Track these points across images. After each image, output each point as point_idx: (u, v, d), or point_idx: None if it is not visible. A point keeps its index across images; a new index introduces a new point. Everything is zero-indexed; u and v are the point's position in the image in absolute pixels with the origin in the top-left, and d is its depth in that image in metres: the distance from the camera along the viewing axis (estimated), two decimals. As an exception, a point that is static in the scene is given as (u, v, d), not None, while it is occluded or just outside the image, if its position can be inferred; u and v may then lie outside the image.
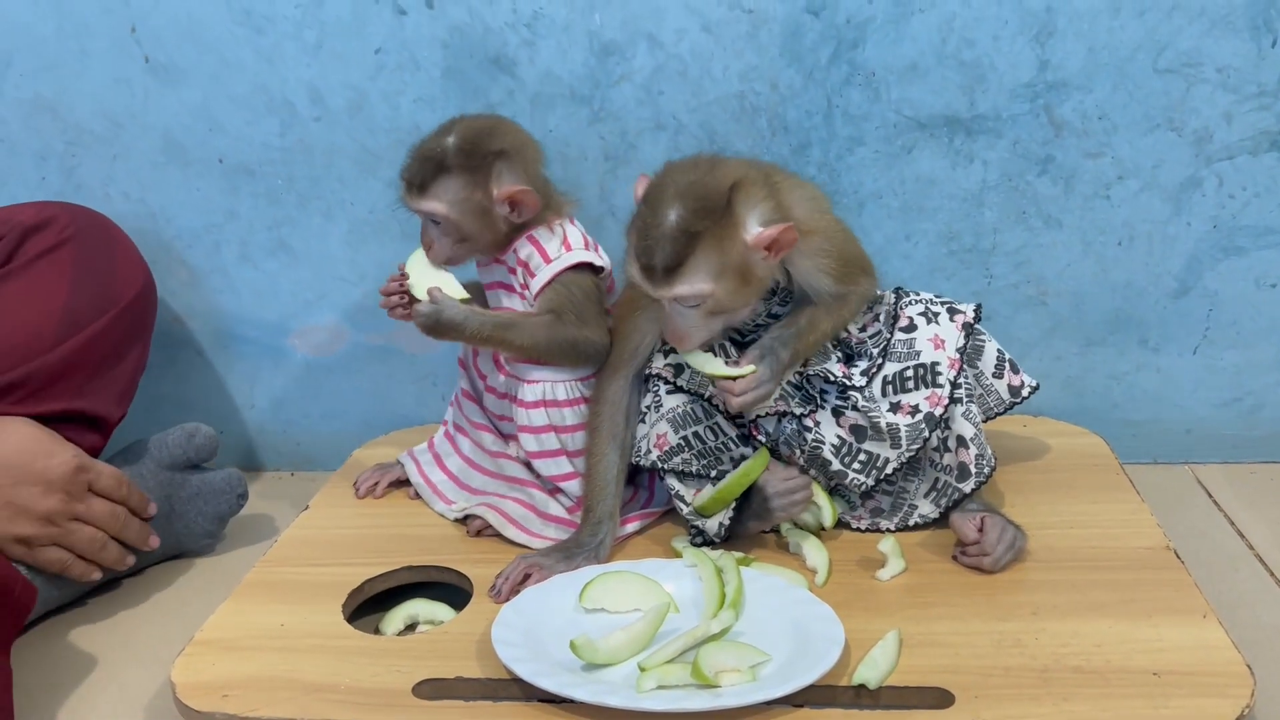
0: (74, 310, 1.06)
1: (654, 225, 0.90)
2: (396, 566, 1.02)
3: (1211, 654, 0.82)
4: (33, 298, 1.05)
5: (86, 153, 1.28)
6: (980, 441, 0.98)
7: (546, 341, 1.01)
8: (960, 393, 0.98)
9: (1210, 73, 1.12)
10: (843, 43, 1.15)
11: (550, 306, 1.02)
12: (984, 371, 1.02)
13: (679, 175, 0.93)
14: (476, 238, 1.02)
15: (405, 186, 1.02)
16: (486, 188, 1.01)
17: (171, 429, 1.14)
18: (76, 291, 1.07)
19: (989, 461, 0.98)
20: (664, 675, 0.80)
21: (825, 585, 0.94)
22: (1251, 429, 1.23)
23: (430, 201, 1.01)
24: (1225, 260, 1.18)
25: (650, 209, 0.91)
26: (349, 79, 1.22)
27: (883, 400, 1.00)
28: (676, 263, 0.90)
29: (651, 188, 0.93)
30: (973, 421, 0.98)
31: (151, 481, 1.10)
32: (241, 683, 0.85)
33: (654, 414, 1.02)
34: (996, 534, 0.94)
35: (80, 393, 1.06)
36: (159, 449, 1.12)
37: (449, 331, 1.00)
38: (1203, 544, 1.08)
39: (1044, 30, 1.12)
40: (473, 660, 0.86)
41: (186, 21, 1.22)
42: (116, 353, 1.10)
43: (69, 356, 1.05)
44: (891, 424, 0.98)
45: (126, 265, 1.15)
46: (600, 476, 1.01)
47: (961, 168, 1.17)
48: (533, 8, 1.17)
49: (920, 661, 0.83)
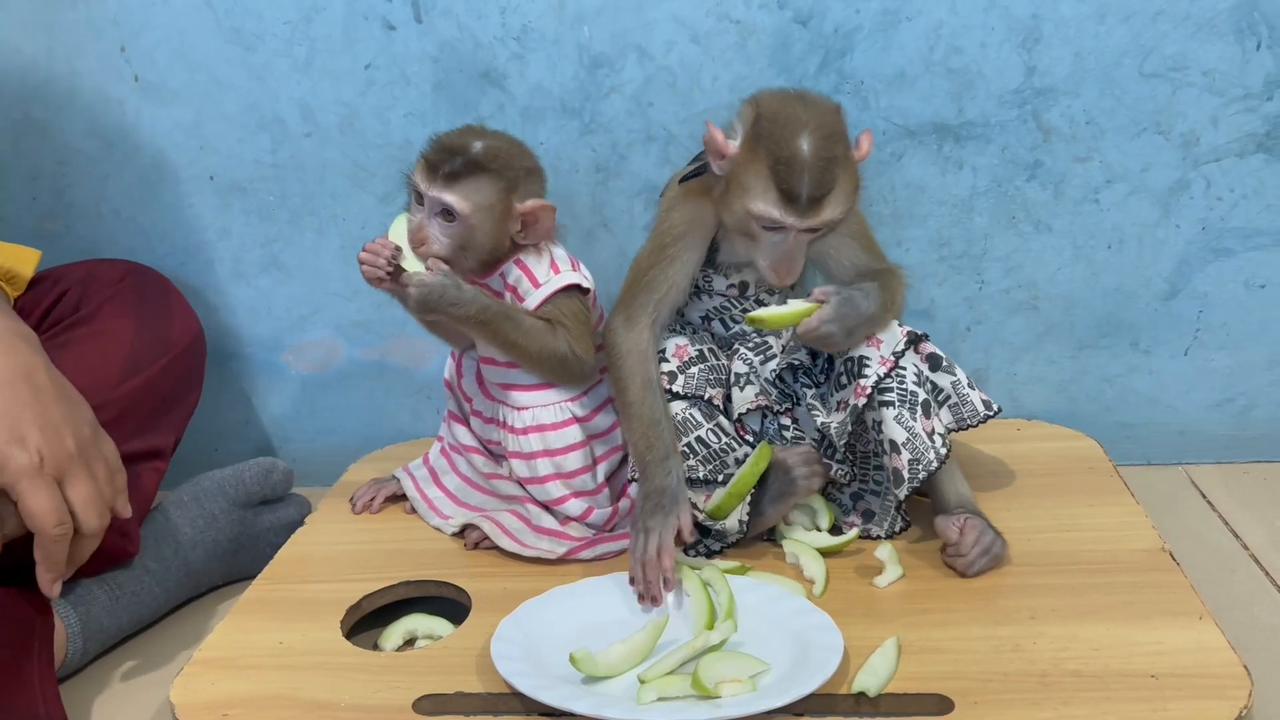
0: (135, 354, 1.10)
1: (803, 154, 0.90)
2: (394, 582, 1.02)
3: (1209, 656, 0.82)
4: (98, 342, 1.09)
5: (78, 172, 1.28)
6: (915, 446, 0.96)
7: (539, 346, 1.01)
8: (891, 396, 0.97)
9: (1196, 76, 1.13)
10: (831, 52, 1.15)
11: (550, 318, 1.02)
12: (960, 380, 1.02)
13: (792, 107, 0.93)
14: (478, 247, 1.00)
15: (428, 171, 0.98)
16: (509, 199, 1.00)
17: (244, 465, 1.14)
18: (138, 337, 1.11)
19: (926, 466, 0.96)
20: (664, 687, 0.80)
21: (823, 594, 0.95)
22: (1244, 429, 1.24)
23: (454, 194, 0.97)
24: (1214, 262, 1.19)
25: (785, 141, 0.90)
26: (339, 95, 1.22)
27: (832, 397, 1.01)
28: (825, 190, 0.91)
29: (773, 120, 0.92)
30: (906, 426, 0.97)
31: (223, 520, 1.11)
32: (241, 702, 0.85)
33: None
34: (974, 537, 0.95)
35: (139, 431, 1.08)
36: (234, 487, 1.13)
37: (445, 308, 0.97)
38: (1198, 545, 1.08)
39: (1030, 37, 1.13)
40: (473, 675, 0.86)
41: (176, 40, 1.22)
42: (173, 395, 1.14)
43: (130, 395, 1.08)
44: (826, 423, 0.99)
45: (181, 314, 1.19)
46: (645, 418, 0.98)
47: (951, 174, 1.18)
48: (522, 22, 1.18)
49: (919, 668, 0.83)
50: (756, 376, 1.04)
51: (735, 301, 1.05)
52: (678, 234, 1.00)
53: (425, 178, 0.98)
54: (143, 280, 1.18)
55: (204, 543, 1.09)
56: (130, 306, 1.13)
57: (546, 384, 1.04)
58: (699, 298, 1.06)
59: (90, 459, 0.89)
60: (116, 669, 1.00)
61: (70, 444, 0.87)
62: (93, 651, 0.98)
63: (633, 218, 1.23)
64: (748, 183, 0.92)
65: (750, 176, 0.92)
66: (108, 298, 1.13)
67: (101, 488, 0.88)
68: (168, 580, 1.05)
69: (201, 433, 1.24)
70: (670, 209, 1.01)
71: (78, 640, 0.96)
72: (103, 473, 0.89)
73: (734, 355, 1.06)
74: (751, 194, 0.92)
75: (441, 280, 0.97)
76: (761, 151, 0.92)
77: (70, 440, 0.88)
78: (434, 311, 0.98)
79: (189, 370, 1.17)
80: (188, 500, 1.10)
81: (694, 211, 1.00)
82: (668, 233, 1.00)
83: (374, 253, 0.99)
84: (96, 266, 1.18)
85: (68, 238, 1.30)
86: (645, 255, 1.02)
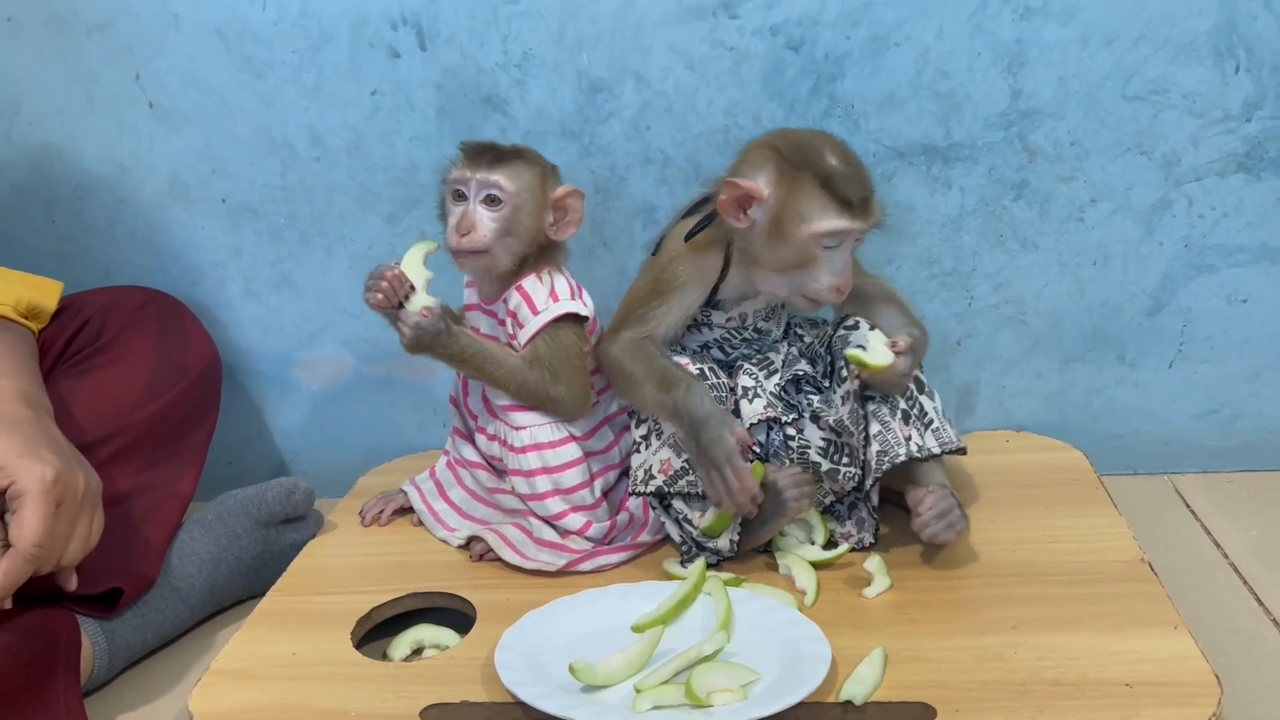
0: (153, 380, 1.15)
1: (842, 166, 0.97)
2: (402, 593, 1.06)
3: (1182, 664, 0.86)
4: (118, 369, 1.14)
5: (93, 196, 1.32)
6: (885, 439, 1.01)
7: (517, 385, 1.06)
8: (875, 392, 1.03)
9: (1177, 99, 1.16)
10: (822, 77, 1.19)
11: (531, 358, 1.06)
12: (939, 408, 1.05)
13: (803, 137, 1.01)
14: (521, 233, 1.05)
15: (471, 157, 1.04)
16: (545, 186, 1.05)
17: (267, 485, 1.18)
18: (156, 364, 1.16)
19: (891, 459, 1.01)
20: (659, 696, 0.84)
21: (814, 605, 0.98)
22: (1229, 439, 1.27)
23: (500, 174, 1.03)
24: (1197, 278, 1.22)
25: (822, 160, 0.97)
26: (347, 120, 1.26)
27: (835, 394, 1.05)
28: (871, 190, 0.99)
29: (799, 149, 0.98)
30: (881, 421, 1.02)
31: (246, 539, 1.14)
32: (256, 711, 0.89)
33: (654, 440, 1.06)
34: (936, 511, 0.99)
35: (159, 459, 1.13)
36: (257, 507, 1.16)
37: (435, 348, 1.03)
38: (1180, 554, 1.11)
39: (1016, 61, 1.16)
40: (478, 684, 0.90)
41: (188, 68, 1.26)
42: (190, 419, 1.18)
43: (148, 420, 1.13)
44: (838, 418, 1.03)
45: (196, 340, 1.23)
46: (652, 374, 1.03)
47: (940, 194, 1.22)
48: (523, 49, 1.21)
49: (905, 677, 0.87)
50: (763, 390, 1.07)
51: (734, 333, 1.09)
52: (680, 284, 1.05)
53: (469, 166, 1.04)
54: (160, 307, 1.22)
55: (228, 560, 1.13)
56: (148, 334, 1.18)
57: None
58: (698, 330, 1.10)
59: (91, 506, 0.95)
60: (142, 679, 1.04)
61: (81, 484, 0.93)
62: (119, 666, 1.03)
63: (631, 237, 1.27)
64: (802, 209, 0.97)
65: (803, 202, 0.97)
66: (126, 325, 1.17)
67: (89, 536, 0.94)
68: (192, 597, 1.09)
69: (217, 445, 1.28)
70: (674, 261, 1.05)
71: (104, 658, 1.00)
72: (94, 524, 0.95)
73: (738, 371, 1.09)
74: (810, 217, 0.97)
75: (434, 324, 1.02)
76: (805, 176, 0.97)
77: (81, 481, 0.93)
78: (425, 351, 1.04)
79: (205, 394, 1.21)
80: (212, 520, 1.14)
81: (698, 266, 1.05)
82: (669, 281, 1.04)
83: (393, 285, 1.03)
84: (116, 294, 1.22)
85: (84, 259, 1.34)
86: (640, 293, 1.06)
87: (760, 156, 1.00)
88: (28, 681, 0.91)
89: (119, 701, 1.00)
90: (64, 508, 0.92)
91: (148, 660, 1.06)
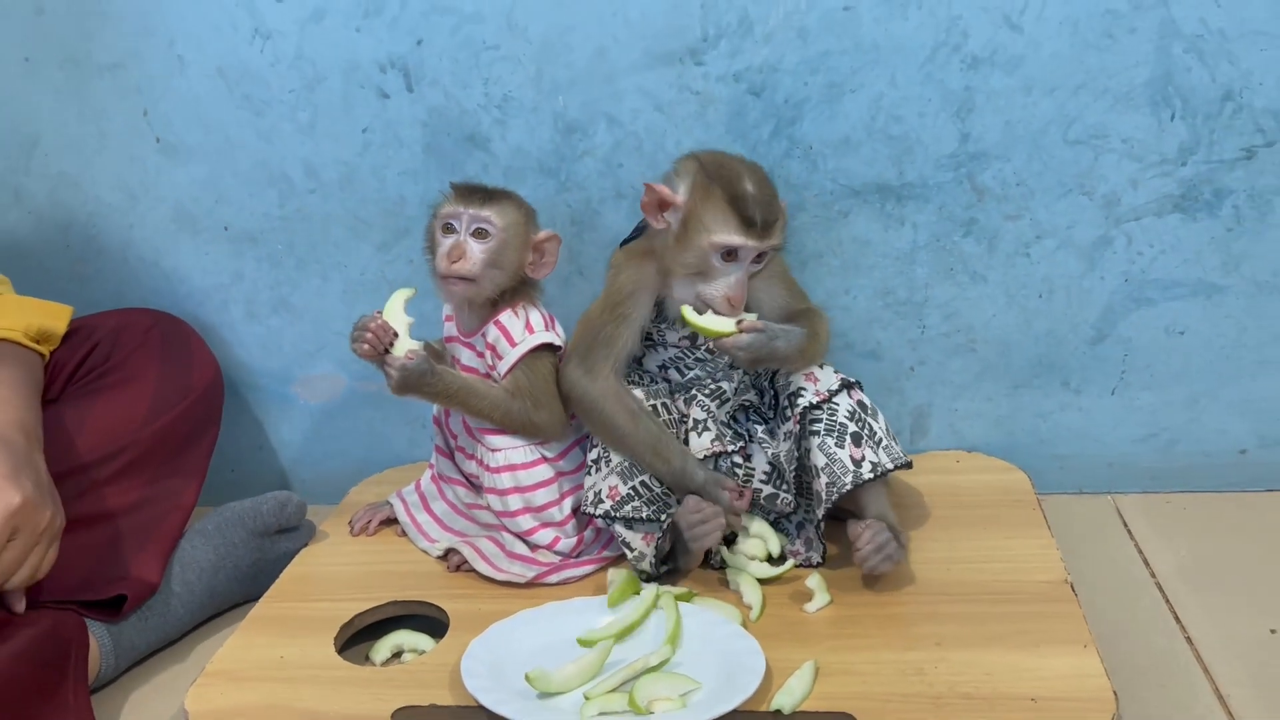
0: (159, 398, 1.24)
1: (752, 189, 1.06)
2: (383, 601, 1.14)
3: (1085, 681, 0.92)
4: (127, 388, 1.23)
5: (105, 222, 1.41)
6: (832, 470, 1.08)
7: (501, 415, 1.14)
8: (819, 426, 1.10)
9: (1116, 144, 1.23)
10: (782, 120, 1.26)
11: (513, 388, 1.14)
12: (883, 428, 1.12)
13: (728, 159, 1.10)
14: (505, 266, 1.13)
15: (463, 195, 1.12)
16: (528, 227, 1.15)
17: (263, 498, 1.26)
18: (161, 383, 1.25)
19: (839, 488, 1.08)
20: (605, 703, 0.92)
21: (759, 619, 1.06)
22: (1169, 462, 1.34)
23: (491, 210, 1.12)
24: (1137, 310, 1.28)
25: (735, 180, 1.06)
26: (340, 155, 1.35)
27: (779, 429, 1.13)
28: (775, 216, 1.08)
29: (718, 167, 1.08)
30: (827, 453, 1.09)
31: (243, 548, 1.23)
32: (246, 710, 0.98)
33: (604, 467, 1.13)
34: (869, 536, 1.06)
35: (163, 473, 1.22)
36: (254, 518, 1.24)
37: (421, 388, 1.11)
38: (1111, 572, 1.18)
39: (964, 107, 1.23)
40: (445, 689, 0.99)
41: (193, 105, 1.35)
42: (193, 434, 1.27)
43: (154, 436, 1.22)
44: (775, 453, 1.12)
45: (200, 358, 1.32)
46: (647, 441, 1.11)
47: (894, 230, 1.29)
48: (503, 91, 1.29)
49: (833, 688, 0.94)
50: (714, 421, 1.15)
51: (687, 352, 1.17)
52: (627, 293, 1.13)
53: (460, 203, 1.12)
54: (166, 330, 1.30)
55: (225, 568, 1.21)
56: (154, 355, 1.26)
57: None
58: (654, 350, 1.18)
59: (48, 540, 1.02)
60: (145, 679, 1.13)
61: (46, 519, 1.01)
62: (124, 666, 1.12)
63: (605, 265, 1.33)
64: (707, 220, 1.06)
65: (708, 213, 1.06)
66: (135, 348, 1.26)
67: (40, 566, 1.02)
68: (192, 602, 1.18)
69: (222, 455, 1.37)
70: (618, 272, 1.14)
71: (110, 658, 1.09)
72: (46, 557, 1.02)
73: (691, 401, 1.16)
74: (712, 228, 1.06)
75: (419, 366, 1.10)
76: (716, 190, 1.07)
77: (48, 517, 1.01)
78: (412, 392, 1.11)
79: (208, 411, 1.30)
80: (211, 529, 1.22)
81: (639, 271, 1.13)
82: (618, 292, 1.13)
83: (377, 335, 1.10)
84: (126, 317, 1.30)
85: (98, 280, 1.43)
86: (597, 314, 1.14)
87: (685, 167, 1.10)
88: (41, 681, 1.00)
89: (123, 699, 1.10)
90: (21, 536, 0.99)
91: (150, 660, 1.16)
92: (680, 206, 1.08)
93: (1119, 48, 1.19)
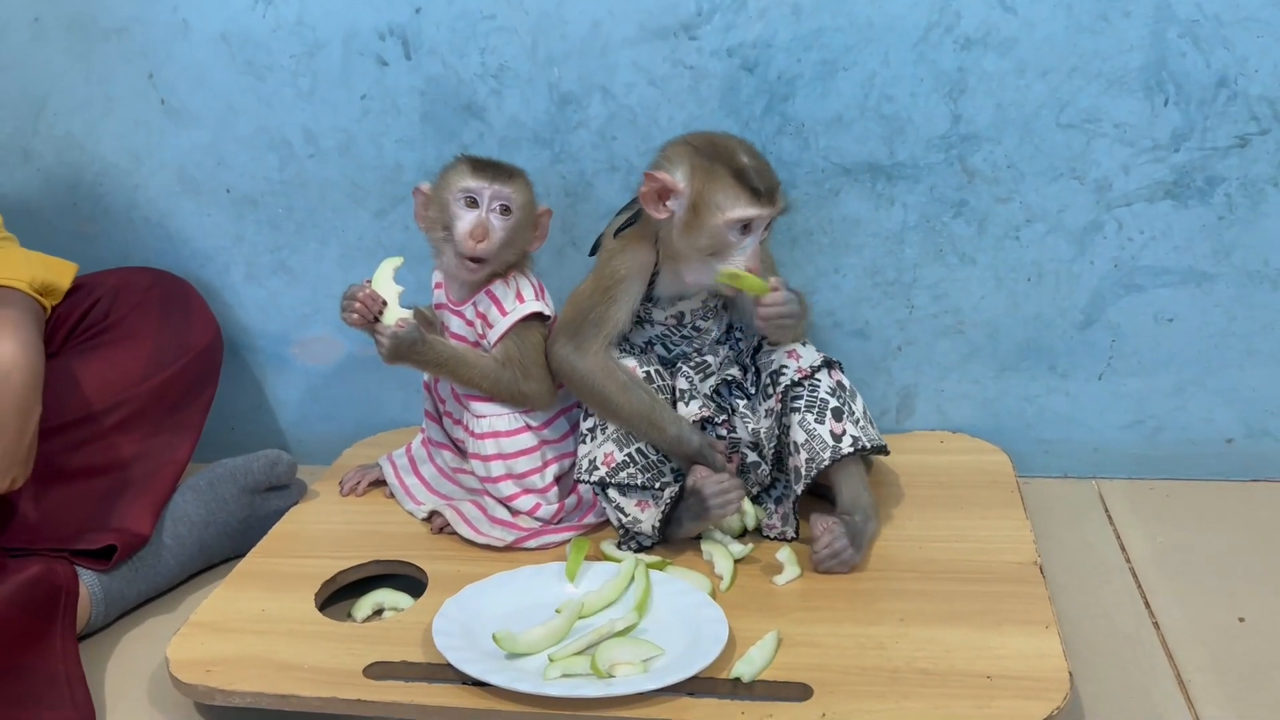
0: (158, 355, 1.27)
1: (750, 160, 1.08)
2: (366, 560, 1.17)
3: (1042, 662, 0.94)
4: (125, 345, 1.26)
5: (112, 183, 1.44)
6: (811, 446, 1.10)
7: (490, 384, 1.16)
8: (800, 402, 1.11)
9: (1109, 128, 1.22)
10: (775, 97, 1.27)
11: (503, 358, 1.16)
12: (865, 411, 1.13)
13: (716, 137, 1.11)
14: (518, 241, 1.16)
15: (489, 173, 1.13)
16: (534, 205, 1.17)
17: (254, 456, 1.29)
18: (160, 340, 1.28)
19: (818, 465, 1.09)
20: (569, 666, 0.95)
21: (729, 590, 1.08)
22: (1154, 449, 1.34)
23: (513, 188, 1.14)
24: (1126, 296, 1.28)
25: (733, 155, 1.07)
26: (339, 122, 1.36)
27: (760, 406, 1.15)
28: (777, 182, 1.09)
29: (712, 146, 1.09)
30: (807, 429, 1.10)
31: (233, 504, 1.26)
32: (224, 660, 1.01)
33: (599, 434, 1.16)
34: (826, 540, 1.07)
35: (160, 428, 1.25)
36: (244, 475, 1.27)
37: (411, 357, 1.14)
38: (1087, 556, 1.19)
39: (956, 88, 1.23)
40: (417, 647, 1.02)
41: (197, 70, 1.37)
42: (191, 391, 1.30)
43: (152, 392, 1.25)
44: (756, 428, 1.13)
45: (200, 319, 1.34)
46: (640, 411, 1.13)
47: (884, 210, 1.29)
48: (499, 61, 1.31)
49: (794, 659, 0.96)
50: (698, 391, 1.17)
51: (674, 329, 1.18)
52: (620, 277, 1.14)
53: (481, 177, 1.13)
54: (167, 289, 1.33)
55: (216, 523, 1.25)
56: (155, 313, 1.29)
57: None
58: (642, 327, 1.19)
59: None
60: (133, 628, 1.17)
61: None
62: (114, 614, 1.16)
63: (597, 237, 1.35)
64: (718, 199, 1.07)
65: (718, 192, 1.07)
66: (135, 305, 1.28)
67: None
68: (182, 555, 1.22)
69: (220, 414, 1.40)
70: (612, 257, 1.14)
71: (100, 606, 1.13)
72: None
73: (676, 373, 1.19)
74: (725, 205, 1.07)
75: (409, 335, 1.12)
76: (719, 169, 1.07)
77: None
78: (403, 360, 1.13)
79: (206, 370, 1.32)
80: (203, 485, 1.26)
81: (634, 257, 1.14)
82: (611, 276, 1.14)
83: (365, 305, 1.12)
84: (128, 275, 1.33)
85: (104, 240, 1.47)
86: (587, 294, 1.15)
87: (677, 153, 1.10)
88: (30, 626, 1.04)
89: (111, 647, 1.13)
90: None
91: (140, 610, 1.19)
92: (682, 193, 1.08)
93: (1113, 31, 1.18)
